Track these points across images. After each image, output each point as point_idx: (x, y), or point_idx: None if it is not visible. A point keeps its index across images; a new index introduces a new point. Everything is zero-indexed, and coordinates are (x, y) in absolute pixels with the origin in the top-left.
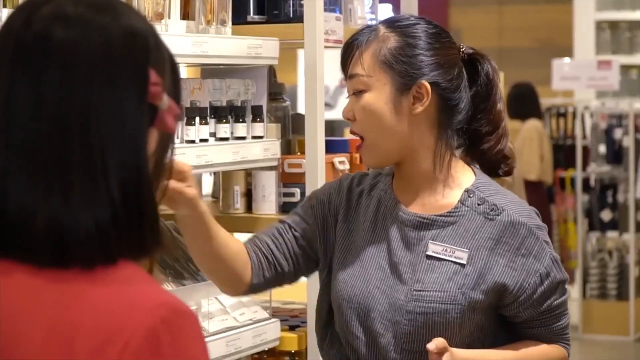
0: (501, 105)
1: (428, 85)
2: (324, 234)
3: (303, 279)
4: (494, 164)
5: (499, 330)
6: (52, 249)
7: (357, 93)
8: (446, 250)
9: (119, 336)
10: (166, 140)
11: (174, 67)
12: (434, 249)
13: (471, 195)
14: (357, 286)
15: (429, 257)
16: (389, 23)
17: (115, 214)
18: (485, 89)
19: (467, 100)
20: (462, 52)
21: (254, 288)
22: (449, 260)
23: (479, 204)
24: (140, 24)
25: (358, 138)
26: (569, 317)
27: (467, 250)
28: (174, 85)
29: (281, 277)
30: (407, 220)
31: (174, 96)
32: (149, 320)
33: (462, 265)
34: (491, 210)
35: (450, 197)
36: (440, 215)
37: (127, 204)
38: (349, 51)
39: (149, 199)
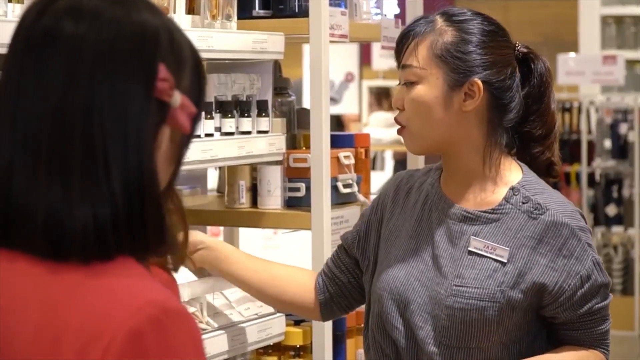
0: (554, 108)
1: (481, 84)
2: (366, 236)
3: None
4: (541, 169)
5: (539, 331)
6: (50, 242)
7: (408, 84)
8: (487, 247)
9: (102, 336)
10: (182, 140)
11: (197, 66)
12: (475, 244)
13: (516, 193)
14: (398, 277)
15: (470, 252)
16: (447, 16)
17: (115, 211)
18: (538, 90)
19: (519, 99)
20: (517, 50)
21: (324, 307)
22: (489, 258)
23: (523, 202)
24: (154, 19)
25: (400, 127)
26: (610, 322)
27: (508, 249)
28: (196, 84)
29: (346, 291)
30: (451, 214)
31: (194, 96)
32: (134, 319)
33: (503, 263)
34: (535, 209)
35: (496, 194)
36: (484, 212)
37: (129, 201)
38: (404, 41)
39: (153, 198)
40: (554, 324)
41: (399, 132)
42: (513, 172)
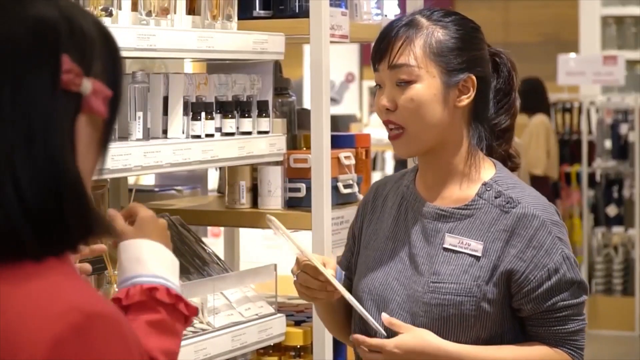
0: (518, 102)
1: (475, 79)
2: (353, 249)
3: None
4: (500, 161)
5: (519, 327)
6: None
7: (401, 83)
8: (462, 242)
9: (25, 347)
10: (105, 126)
11: (110, 48)
12: (450, 241)
13: (489, 189)
14: (377, 278)
15: (445, 249)
16: (428, 15)
17: (26, 210)
18: (506, 85)
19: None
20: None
21: None
22: (464, 253)
23: (495, 197)
24: (50, 10)
25: (394, 128)
26: (581, 324)
27: (482, 243)
28: (110, 65)
29: None
30: (426, 213)
31: (109, 77)
32: (56, 327)
33: (477, 257)
34: (507, 203)
35: (469, 190)
36: (458, 208)
37: (43, 199)
38: (389, 41)
39: (72, 190)
40: (522, 318)
41: (395, 137)
42: (487, 169)
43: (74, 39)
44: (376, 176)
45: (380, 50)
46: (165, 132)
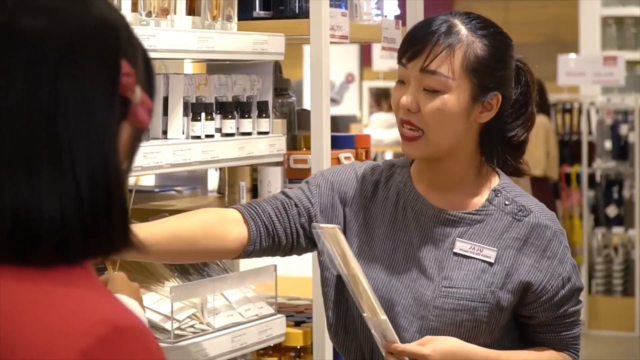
0: (534, 112)
1: (500, 98)
2: (328, 216)
3: (308, 274)
4: (511, 170)
5: (516, 332)
6: (14, 243)
7: (429, 90)
8: (474, 248)
9: (53, 356)
10: (138, 135)
11: (147, 61)
12: (461, 246)
13: (498, 195)
14: (380, 278)
15: (456, 254)
16: (466, 22)
17: (82, 208)
18: (524, 98)
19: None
20: None
21: (246, 254)
22: (476, 259)
23: (506, 204)
24: (112, 14)
25: (413, 129)
26: (580, 328)
27: (495, 249)
28: (148, 79)
29: (276, 249)
30: (432, 216)
31: (147, 90)
32: (84, 341)
33: (490, 264)
34: (519, 211)
35: (477, 196)
36: (468, 213)
37: (95, 200)
38: (427, 42)
39: (118, 196)
40: (528, 325)
41: (412, 138)
42: (491, 176)
43: (130, 45)
44: None
45: (416, 50)
46: (165, 132)
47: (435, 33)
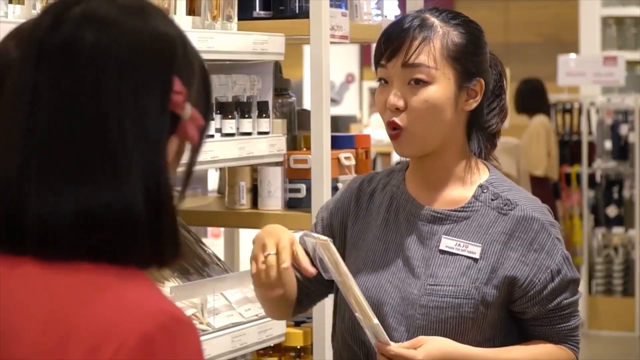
0: (506, 103)
1: (483, 83)
2: (335, 242)
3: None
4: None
5: (511, 329)
6: (75, 241)
7: (415, 83)
8: (459, 244)
9: (112, 338)
10: (190, 152)
11: (204, 79)
12: (447, 243)
13: (485, 191)
14: (369, 280)
15: (442, 251)
16: (437, 15)
17: (138, 216)
18: (499, 89)
19: None
20: None
21: (294, 314)
22: (462, 255)
23: (492, 199)
24: (170, 30)
25: (394, 129)
26: (579, 319)
27: (480, 245)
28: (204, 96)
29: (312, 297)
30: (420, 215)
31: (201, 108)
32: (145, 325)
33: (475, 260)
34: (505, 205)
35: (464, 192)
36: (454, 210)
37: (149, 211)
38: (404, 38)
39: (169, 208)
40: (523, 319)
41: (395, 136)
42: (481, 171)
43: (185, 62)
44: None
45: (394, 48)
46: None
47: (410, 28)
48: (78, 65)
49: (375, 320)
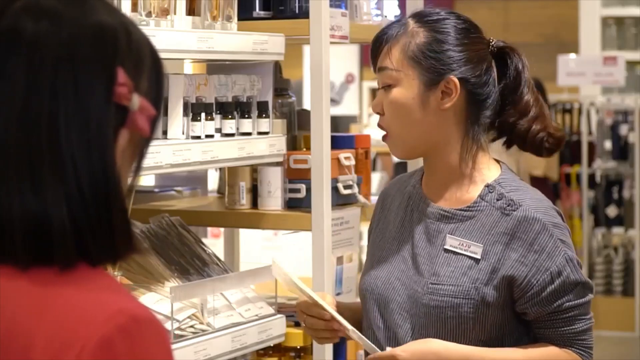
0: (530, 97)
1: (457, 81)
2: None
3: (308, 274)
4: (539, 144)
5: (524, 331)
6: (25, 248)
7: (385, 87)
8: (462, 244)
9: (73, 344)
10: (140, 143)
11: (156, 67)
12: (451, 242)
13: (491, 191)
14: (380, 277)
15: (446, 250)
16: (418, 17)
17: (88, 213)
18: (513, 82)
19: (496, 94)
20: (492, 46)
21: None
22: (464, 255)
23: (497, 199)
24: (113, 20)
25: (385, 132)
26: (588, 322)
27: (481, 245)
28: (155, 85)
29: None
30: (430, 213)
31: (152, 97)
32: (103, 328)
33: (477, 260)
34: (508, 206)
35: (472, 191)
36: (460, 209)
37: (97, 207)
38: (378, 44)
39: (118, 203)
40: (528, 321)
41: (384, 138)
42: (491, 170)
43: (130, 52)
44: (376, 177)
45: (371, 53)
46: (165, 132)
47: (384, 34)
48: (18, 59)
49: (350, 327)
